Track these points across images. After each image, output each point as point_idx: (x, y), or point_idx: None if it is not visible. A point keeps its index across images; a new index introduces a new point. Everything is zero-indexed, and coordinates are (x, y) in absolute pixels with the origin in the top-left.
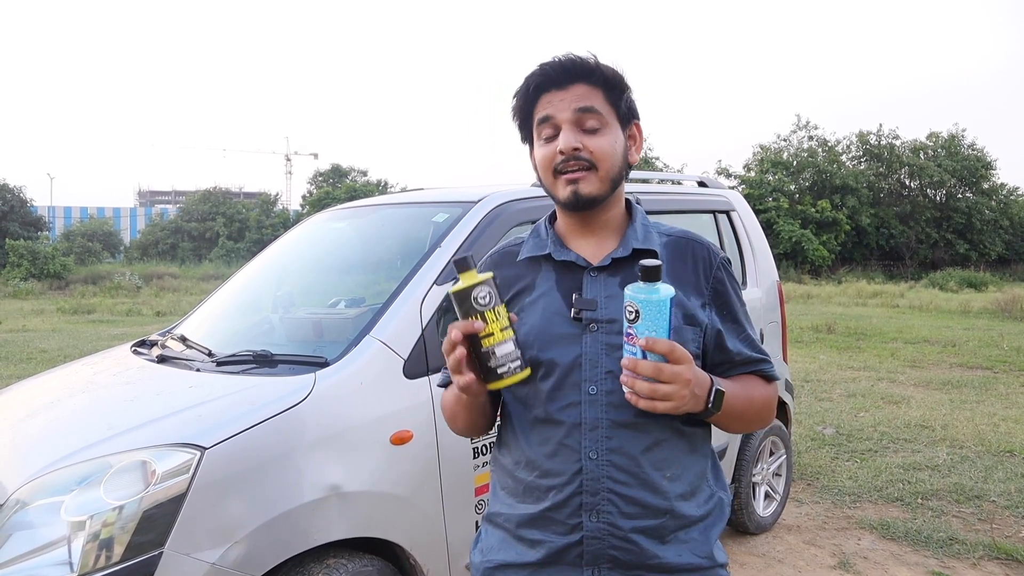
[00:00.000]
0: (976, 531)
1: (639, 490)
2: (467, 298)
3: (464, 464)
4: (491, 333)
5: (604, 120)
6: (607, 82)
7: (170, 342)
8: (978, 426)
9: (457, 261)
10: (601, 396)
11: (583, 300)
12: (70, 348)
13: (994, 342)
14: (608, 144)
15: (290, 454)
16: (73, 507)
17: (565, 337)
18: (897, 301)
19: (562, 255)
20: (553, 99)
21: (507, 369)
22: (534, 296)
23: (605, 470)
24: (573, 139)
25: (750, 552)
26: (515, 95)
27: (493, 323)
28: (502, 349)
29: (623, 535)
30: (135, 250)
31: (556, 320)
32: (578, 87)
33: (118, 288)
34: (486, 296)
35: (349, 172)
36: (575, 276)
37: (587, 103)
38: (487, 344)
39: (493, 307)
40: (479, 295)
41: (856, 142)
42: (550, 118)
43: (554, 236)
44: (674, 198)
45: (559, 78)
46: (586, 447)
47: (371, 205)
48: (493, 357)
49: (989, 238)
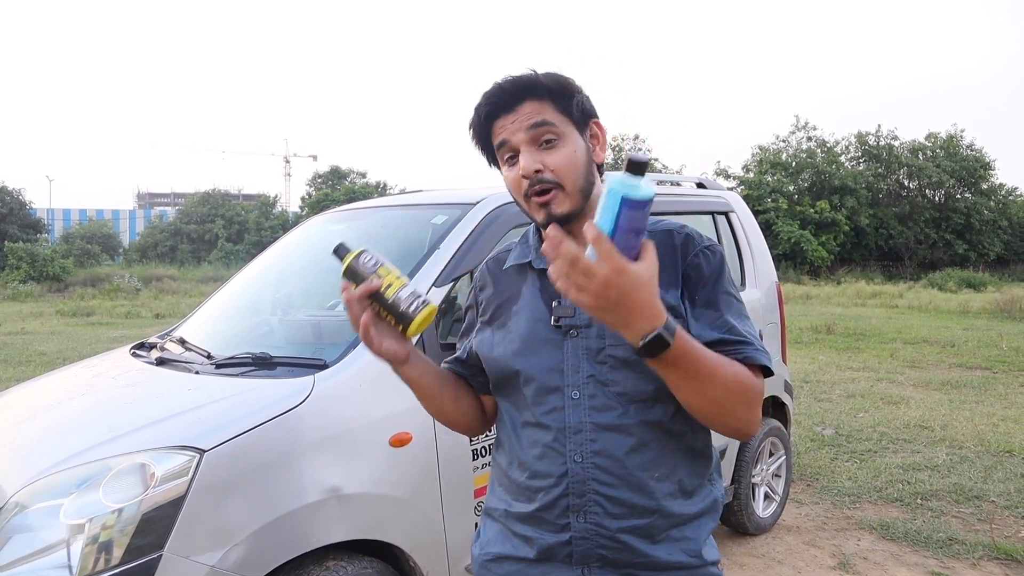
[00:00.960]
0: (976, 531)
1: (625, 491)
2: (357, 270)
3: (463, 466)
4: (389, 284)
5: (559, 131)
6: (553, 92)
7: (169, 344)
8: (977, 426)
9: (335, 250)
10: (584, 400)
11: (561, 307)
12: (69, 350)
13: (993, 342)
14: (567, 156)
15: (289, 456)
16: (72, 510)
17: (548, 343)
18: (896, 301)
19: (541, 263)
20: (505, 123)
21: (415, 306)
22: (520, 304)
23: (590, 472)
24: (532, 161)
25: (750, 553)
26: (469, 126)
27: (387, 276)
28: (404, 292)
29: (610, 535)
30: (134, 252)
31: (539, 327)
32: (526, 105)
33: (117, 290)
34: (370, 259)
35: (348, 174)
36: None
37: (537, 118)
38: (390, 294)
39: (382, 265)
40: (365, 261)
41: (855, 143)
42: (506, 142)
43: (537, 244)
44: (672, 199)
45: (506, 102)
46: (571, 451)
47: (370, 207)
48: (401, 302)
49: (988, 238)
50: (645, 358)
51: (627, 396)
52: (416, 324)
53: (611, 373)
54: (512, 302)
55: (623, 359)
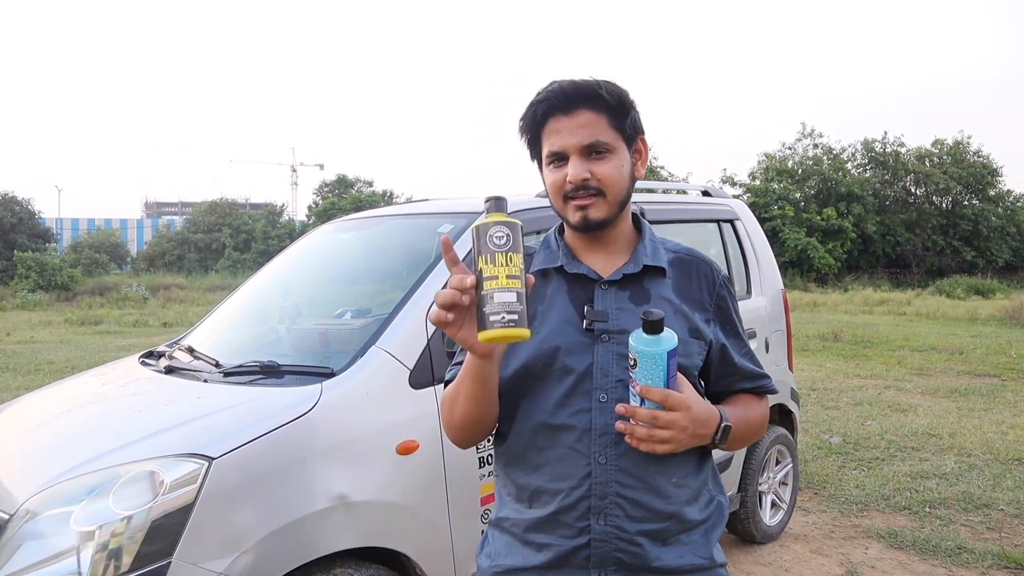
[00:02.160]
0: (985, 540)
1: (646, 494)
2: (484, 234)
3: (470, 474)
4: (495, 276)
5: (611, 146)
6: (611, 107)
7: (177, 353)
8: (986, 434)
9: (494, 198)
10: (611, 404)
11: (595, 312)
12: (78, 359)
13: (1002, 349)
14: (615, 169)
15: (297, 464)
16: (82, 517)
17: (578, 345)
18: (904, 309)
19: (574, 268)
20: (560, 125)
21: (500, 319)
22: (546, 306)
23: (613, 475)
24: (582, 169)
25: (757, 561)
26: (522, 117)
27: (501, 267)
28: (501, 296)
29: (629, 538)
30: (142, 261)
31: (569, 329)
32: (583, 113)
33: (125, 299)
34: (503, 237)
35: (355, 183)
36: (586, 287)
37: (592, 139)
38: (488, 287)
39: (506, 252)
40: (495, 233)
41: (861, 150)
42: (559, 150)
43: (565, 248)
44: (679, 207)
45: (564, 104)
46: (595, 452)
47: (377, 216)
48: (489, 302)
49: (996, 245)
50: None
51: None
52: (489, 335)
53: None
54: (537, 303)
55: None
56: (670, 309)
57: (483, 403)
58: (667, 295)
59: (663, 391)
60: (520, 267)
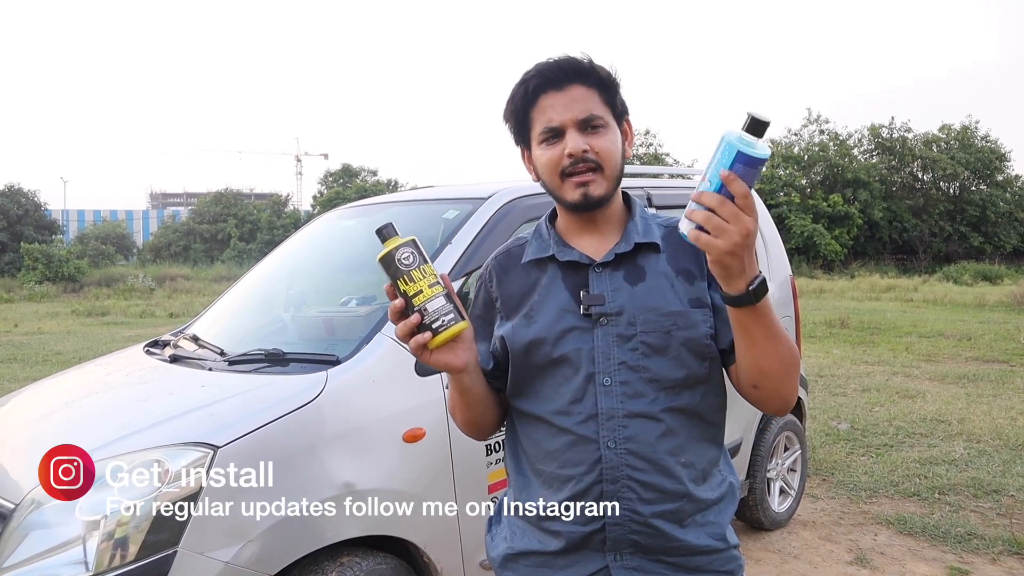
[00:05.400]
0: (995, 526)
1: (656, 476)
2: (392, 261)
3: (477, 461)
4: (420, 291)
5: (605, 120)
6: (602, 83)
7: (182, 342)
8: (995, 420)
9: (378, 230)
10: (615, 387)
11: (591, 296)
12: (85, 350)
13: (1010, 335)
14: (611, 143)
15: (303, 452)
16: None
17: (577, 331)
18: (911, 295)
19: (565, 255)
20: (553, 101)
21: (441, 323)
22: (541, 296)
23: (623, 458)
24: (581, 141)
25: (765, 548)
26: (511, 96)
27: (420, 281)
28: (433, 304)
29: (644, 520)
30: (148, 252)
31: (566, 316)
32: (575, 88)
33: (131, 290)
34: (409, 256)
35: (359, 172)
36: (580, 272)
37: (589, 111)
38: (418, 302)
39: (419, 266)
40: (402, 256)
41: (868, 135)
42: (554, 124)
43: (556, 236)
44: (684, 193)
45: (556, 79)
46: (604, 436)
47: (381, 203)
48: (426, 314)
49: (1004, 230)
50: (745, 305)
51: (658, 383)
52: (437, 341)
53: (643, 359)
54: (532, 293)
55: (655, 346)
56: (667, 284)
57: (478, 406)
58: (664, 269)
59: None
60: (434, 273)
